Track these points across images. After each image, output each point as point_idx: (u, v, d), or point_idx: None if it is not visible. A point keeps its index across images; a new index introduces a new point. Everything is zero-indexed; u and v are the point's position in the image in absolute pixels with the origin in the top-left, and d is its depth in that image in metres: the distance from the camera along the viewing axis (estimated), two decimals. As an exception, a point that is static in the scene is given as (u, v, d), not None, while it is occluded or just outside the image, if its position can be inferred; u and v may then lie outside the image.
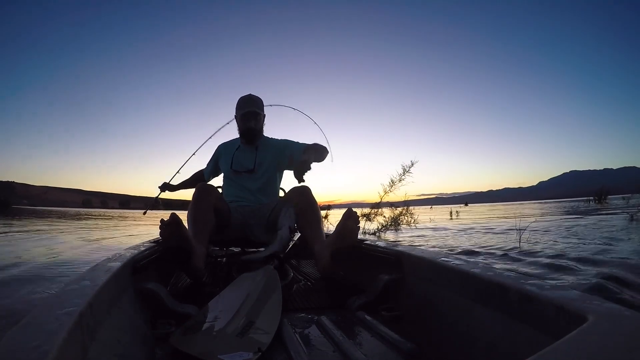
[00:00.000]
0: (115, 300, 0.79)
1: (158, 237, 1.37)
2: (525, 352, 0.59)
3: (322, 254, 1.37)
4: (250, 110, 1.81)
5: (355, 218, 1.35)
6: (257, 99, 1.86)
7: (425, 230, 6.28)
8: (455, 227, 6.93)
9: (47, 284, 2.04)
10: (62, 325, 0.48)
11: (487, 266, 0.87)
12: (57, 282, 2.09)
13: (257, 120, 1.85)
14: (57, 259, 3.10)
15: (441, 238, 4.89)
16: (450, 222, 9.22)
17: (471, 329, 0.79)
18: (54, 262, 2.88)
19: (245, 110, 1.82)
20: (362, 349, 0.85)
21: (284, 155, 1.82)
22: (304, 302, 1.25)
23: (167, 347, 0.84)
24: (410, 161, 5.42)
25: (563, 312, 0.56)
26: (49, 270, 2.54)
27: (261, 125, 1.89)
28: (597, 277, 1.95)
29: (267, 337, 0.85)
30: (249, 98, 1.85)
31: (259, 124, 1.87)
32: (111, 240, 5.38)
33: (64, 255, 3.39)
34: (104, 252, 3.51)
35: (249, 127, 1.83)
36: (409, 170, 5.45)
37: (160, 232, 1.24)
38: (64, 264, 2.82)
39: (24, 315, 0.51)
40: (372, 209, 5.91)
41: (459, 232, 5.70)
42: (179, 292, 1.34)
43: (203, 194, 1.55)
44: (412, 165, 5.45)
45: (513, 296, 0.68)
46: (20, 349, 0.41)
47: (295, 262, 2.00)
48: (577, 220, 7.08)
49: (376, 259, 1.35)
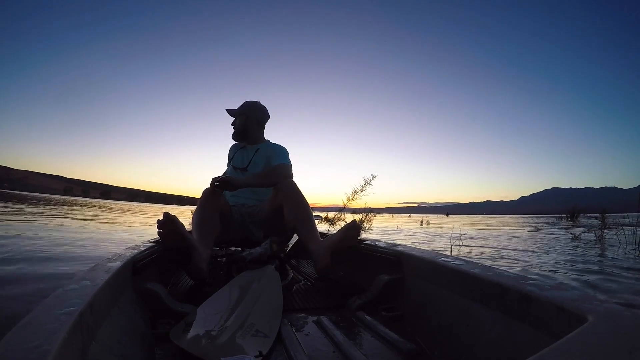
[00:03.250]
0: (115, 300, 0.79)
1: (158, 237, 1.37)
2: (525, 352, 0.59)
3: (320, 255, 1.37)
4: (234, 113, 2.00)
5: (357, 230, 1.36)
6: (246, 104, 2.00)
7: (376, 234, 6.84)
8: (409, 232, 8.33)
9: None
10: (62, 325, 0.48)
11: (487, 266, 0.87)
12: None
13: (242, 121, 1.98)
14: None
15: (379, 238, 5.35)
16: (416, 228, 10.69)
17: (471, 329, 0.79)
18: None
19: (233, 114, 2.00)
20: (362, 349, 0.85)
21: (268, 161, 1.87)
22: (304, 302, 1.25)
23: (167, 347, 0.84)
24: (371, 174, 6.04)
25: (563, 312, 0.56)
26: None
27: (250, 126, 1.98)
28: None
29: (268, 340, 0.85)
30: (243, 103, 2.00)
31: (245, 125, 1.98)
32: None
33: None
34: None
35: (236, 129, 1.99)
36: (369, 182, 6.03)
37: (158, 232, 1.24)
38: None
39: (24, 315, 0.51)
40: (336, 214, 6.64)
41: (406, 236, 6.84)
42: (179, 292, 1.34)
43: (210, 198, 1.56)
44: (373, 178, 6.07)
45: (513, 296, 0.68)
46: (20, 349, 0.41)
47: (295, 262, 2.00)
48: (530, 233, 8.08)
49: (376, 259, 1.34)
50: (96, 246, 3.55)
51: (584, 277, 2.52)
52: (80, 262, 2.54)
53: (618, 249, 4.32)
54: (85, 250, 3.21)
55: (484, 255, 3.86)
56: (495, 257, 3.78)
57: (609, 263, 3.21)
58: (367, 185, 6.04)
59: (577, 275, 2.58)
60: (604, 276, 2.56)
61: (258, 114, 2.00)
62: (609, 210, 6.34)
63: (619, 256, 3.69)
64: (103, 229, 5.95)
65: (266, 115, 2.03)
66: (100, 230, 5.67)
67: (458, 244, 5.06)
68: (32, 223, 5.64)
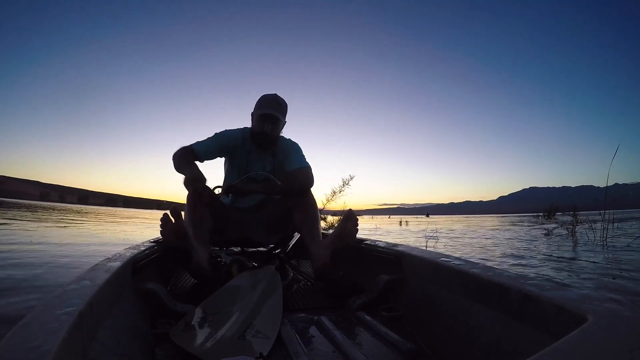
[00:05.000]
0: (115, 300, 0.79)
1: (158, 237, 1.37)
2: (525, 352, 0.59)
3: (319, 255, 1.36)
4: (270, 113, 1.56)
5: (355, 220, 1.35)
6: (282, 102, 1.62)
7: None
8: (383, 230, 9.16)
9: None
10: (62, 325, 0.48)
11: (487, 266, 0.87)
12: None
13: (276, 126, 1.61)
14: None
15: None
16: (393, 227, 11.55)
17: (471, 329, 0.79)
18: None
19: (265, 112, 1.57)
20: (362, 349, 0.85)
21: (284, 163, 1.69)
22: (304, 302, 1.25)
23: (167, 347, 0.84)
24: (349, 175, 6.17)
25: (563, 312, 0.56)
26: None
27: (278, 133, 1.65)
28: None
29: (268, 341, 0.85)
30: (274, 99, 1.60)
31: (276, 131, 1.62)
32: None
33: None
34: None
35: (265, 132, 1.58)
36: (348, 183, 6.11)
37: (161, 232, 1.24)
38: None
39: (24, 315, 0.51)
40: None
41: (381, 235, 7.58)
42: (179, 292, 1.34)
43: (198, 195, 1.50)
44: (351, 179, 6.25)
45: (513, 296, 0.68)
46: (20, 349, 0.41)
47: (295, 262, 2.00)
48: (503, 229, 9.06)
49: (376, 259, 1.35)
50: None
51: (529, 258, 3.39)
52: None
53: (579, 240, 5.00)
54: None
55: (454, 248, 4.51)
56: (466, 248, 4.47)
57: (563, 251, 3.91)
58: (345, 185, 6.09)
59: (520, 256, 3.51)
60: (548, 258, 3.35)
61: (286, 116, 1.66)
62: (586, 207, 6.63)
63: (577, 246, 4.36)
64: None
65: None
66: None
67: (434, 237, 5.74)
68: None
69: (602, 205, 5.03)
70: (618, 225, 6.73)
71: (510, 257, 3.50)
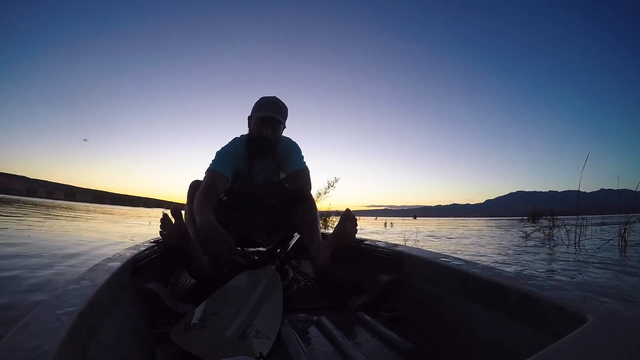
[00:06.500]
0: (115, 300, 0.79)
1: (158, 237, 1.37)
2: (525, 352, 0.59)
3: (319, 255, 1.36)
4: (271, 116, 1.45)
5: (353, 220, 1.35)
6: (282, 105, 1.51)
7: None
8: (366, 230, 9.44)
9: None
10: (62, 325, 0.48)
11: (487, 266, 0.87)
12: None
13: (276, 130, 1.50)
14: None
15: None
16: (378, 228, 11.79)
17: (471, 329, 0.79)
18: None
19: (264, 115, 1.46)
20: (362, 349, 0.85)
21: (283, 162, 1.63)
22: (304, 303, 1.25)
23: (167, 347, 0.84)
24: (334, 177, 6.24)
25: (563, 312, 0.56)
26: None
27: (278, 137, 1.55)
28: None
29: (268, 341, 0.84)
30: (273, 101, 1.49)
31: (276, 135, 1.51)
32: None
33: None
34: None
35: (264, 137, 1.48)
36: (333, 185, 6.13)
37: (160, 232, 1.24)
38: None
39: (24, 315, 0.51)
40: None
41: (370, 233, 8.03)
42: (179, 292, 1.34)
43: (204, 194, 1.45)
44: (336, 181, 6.21)
45: (513, 296, 0.68)
46: (20, 349, 0.41)
47: (295, 262, 2.00)
48: (487, 231, 9.59)
49: (376, 259, 1.35)
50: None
51: (505, 255, 3.89)
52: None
53: (553, 242, 5.34)
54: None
55: (435, 247, 4.92)
56: (447, 247, 4.91)
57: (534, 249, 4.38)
58: (330, 187, 6.07)
59: (501, 253, 4.11)
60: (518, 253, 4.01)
61: (286, 120, 1.57)
62: (570, 212, 6.82)
63: (549, 247, 4.68)
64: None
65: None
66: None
67: (413, 238, 6.14)
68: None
69: (584, 210, 5.34)
70: (597, 229, 7.05)
71: (477, 254, 3.96)
